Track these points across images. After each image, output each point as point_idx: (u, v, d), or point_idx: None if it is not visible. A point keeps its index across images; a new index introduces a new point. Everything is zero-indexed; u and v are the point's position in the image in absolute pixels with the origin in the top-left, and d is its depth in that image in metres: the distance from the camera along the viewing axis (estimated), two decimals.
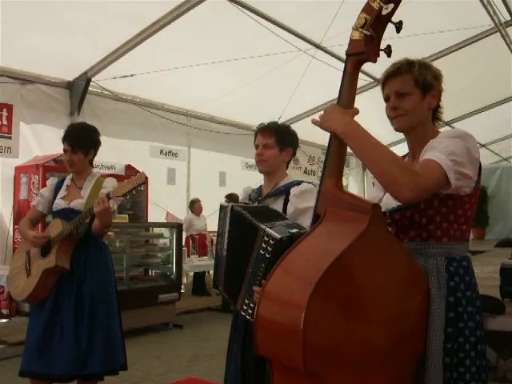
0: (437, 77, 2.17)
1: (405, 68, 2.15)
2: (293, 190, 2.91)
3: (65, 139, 3.72)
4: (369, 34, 1.95)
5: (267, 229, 2.40)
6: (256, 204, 2.97)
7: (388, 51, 2.00)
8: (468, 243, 2.16)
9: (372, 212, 1.83)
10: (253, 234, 2.46)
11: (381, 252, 1.88)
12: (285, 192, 2.95)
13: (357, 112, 2.02)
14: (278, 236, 2.35)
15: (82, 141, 3.73)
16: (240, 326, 2.86)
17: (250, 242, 2.47)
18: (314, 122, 2.10)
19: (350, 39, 2.01)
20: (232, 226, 2.67)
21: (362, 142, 1.93)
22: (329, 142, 2.07)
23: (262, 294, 1.87)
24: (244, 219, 2.56)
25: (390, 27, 2.00)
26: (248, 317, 2.49)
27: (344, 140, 1.97)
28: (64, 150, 3.74)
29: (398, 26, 1.95)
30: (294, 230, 2.40)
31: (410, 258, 1.96)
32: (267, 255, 2.38)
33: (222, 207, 2.78)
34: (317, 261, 1.79)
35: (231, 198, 10.77)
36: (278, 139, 2.99)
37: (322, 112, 2.11)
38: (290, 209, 2.87)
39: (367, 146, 1.91)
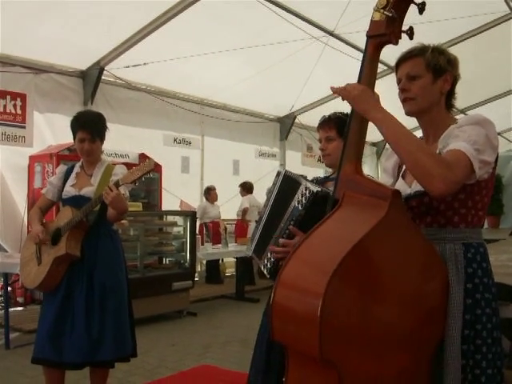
0: (451, 62, 2.15)
1: (417, 52, 2.13)
2: None
3: (82, 128, 3.64)
4: (390, 15, 1.92)
5: (308, 183, 2.37)
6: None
7: (410, 33, 1.97)
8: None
9: (392, 198, 1.81)
10: (295, 192, 2.45)
11: (400, 238, 1.86)
12: None
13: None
14: (315, 189, 2.30)
15: (100, 129, 3.73)
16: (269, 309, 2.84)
17: (291, 201, 2.46)
18: (339, 92, 2.09)
19: (371, 20, 1.98)
20: (280, 187, 2.70)
21: (397, 131, 1.91)
22: (348, 127, 2.05)
23: (278, 280, 1.86)
24: (292, 180, 2.55)
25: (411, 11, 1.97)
26: (266, 272, 2.47)
27: (379, 127, 1.95)
28: (80, 139, 3.67)
29: (421, 8, 1.92)
30: None
31: (428, 244, 1.95)
32: (300, 207, 2.34)
33: (278, 172, 2.81)
34: (335, 247, 1.78)
35: (245, 186, 10.78)
36: (339, 130, 2.86)
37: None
38: None
39: (402, 136, 1.90)
